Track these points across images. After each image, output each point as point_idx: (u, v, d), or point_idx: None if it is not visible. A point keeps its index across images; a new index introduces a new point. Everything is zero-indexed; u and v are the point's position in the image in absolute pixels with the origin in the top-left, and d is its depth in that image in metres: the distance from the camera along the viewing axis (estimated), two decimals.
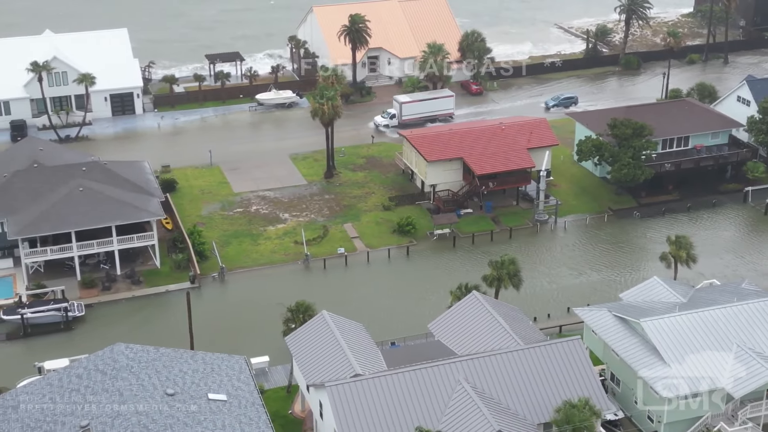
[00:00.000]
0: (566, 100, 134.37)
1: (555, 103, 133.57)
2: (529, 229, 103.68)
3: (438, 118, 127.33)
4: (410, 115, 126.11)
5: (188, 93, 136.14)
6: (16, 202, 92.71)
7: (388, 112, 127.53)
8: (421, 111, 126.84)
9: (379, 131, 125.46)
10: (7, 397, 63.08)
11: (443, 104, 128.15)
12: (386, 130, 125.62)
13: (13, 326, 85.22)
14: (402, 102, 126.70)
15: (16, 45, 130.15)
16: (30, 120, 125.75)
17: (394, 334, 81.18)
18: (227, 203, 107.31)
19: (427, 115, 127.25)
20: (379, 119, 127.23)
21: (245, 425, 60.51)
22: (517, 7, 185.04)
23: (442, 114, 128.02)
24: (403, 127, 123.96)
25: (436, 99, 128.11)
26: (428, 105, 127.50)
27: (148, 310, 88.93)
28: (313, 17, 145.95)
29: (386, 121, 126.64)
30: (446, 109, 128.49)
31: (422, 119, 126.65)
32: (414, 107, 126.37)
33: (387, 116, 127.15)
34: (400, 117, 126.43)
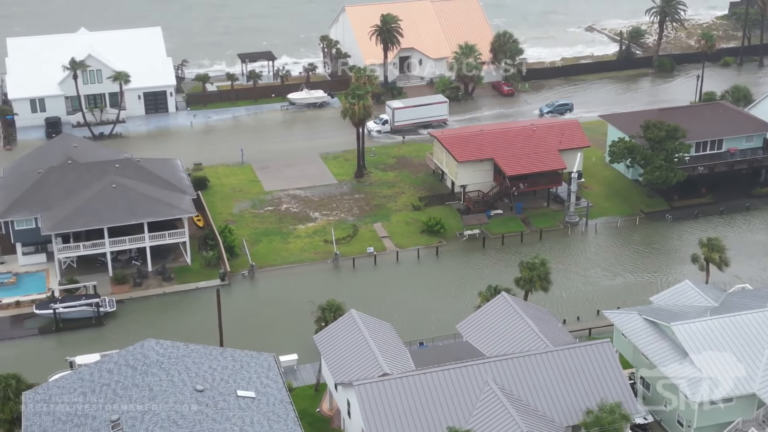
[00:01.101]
0: (561, 107, 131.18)
1: (549, 109, 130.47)
2: (560, 231, 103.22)
3: (431, 125, 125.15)
4: (403, 121, 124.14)
5: (221, 92, 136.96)
6: (50, 197, 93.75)
7: (381, 118, 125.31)
8: (414, 117, 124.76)
9: (372, 137, 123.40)
10: (39, 391, 63.84)
11: (437, 110, 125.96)
12: (379, 136, 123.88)
13: (45, 321, 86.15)
14: (395, 108, 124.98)
15: (51, 43, 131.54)
16: (65, 117, 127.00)
17: (423, 334, 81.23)
18: (258, 201, 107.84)
19: (420, 121, 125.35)
20: (372, 125, 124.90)
21: (273, 422, 60.78)
22: (550, 9, 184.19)
23: (436, 120, 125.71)
24: (395, 133, 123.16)
25: (429, 105, 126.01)
26: (421, 111, 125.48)
27: (178, 307, 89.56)
28: (345, 17, 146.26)
29: (379, 127, 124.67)
30: (440, 116, 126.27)
31: (415, 125, 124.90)
32: (407, 113, 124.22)
33: (380, 122, 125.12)
34: (392, 123, 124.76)
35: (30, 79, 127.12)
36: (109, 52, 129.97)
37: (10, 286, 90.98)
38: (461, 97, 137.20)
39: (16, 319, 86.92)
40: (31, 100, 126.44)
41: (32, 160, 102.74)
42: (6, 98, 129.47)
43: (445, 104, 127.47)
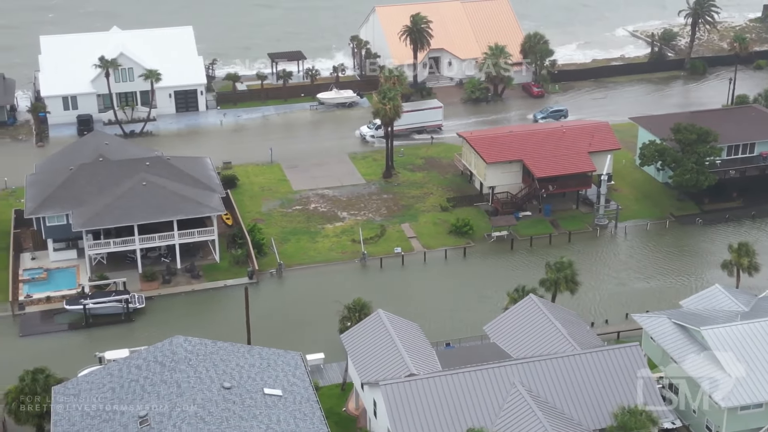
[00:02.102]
0: (555, 113, 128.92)
1: (544, 115, 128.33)
2: (589, 234, 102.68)
3: (426, 130, 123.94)
4: (396, 126, 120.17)
5: (250, 91, 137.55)
6: (81, 194, 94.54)
7: (374, 123, 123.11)
8: (408, 122, 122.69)
9: (365, 141, 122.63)
10: (69, 386, 64.46)
11: (431, 115, 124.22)
12: (371, 140, 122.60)
13: (75, 316, 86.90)
14: None
15: (84, 41, 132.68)
16: (96, 115, 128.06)
17: (450, 335, 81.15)
18: (286, 201, 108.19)
19: (413, 126, 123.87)
20: (365, 129, 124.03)
21: (300, 420, 60.96)
22: (582, 10, 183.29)
23: (430, 125, 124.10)
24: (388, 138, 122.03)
25: (423, 110, 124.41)
26: (415, 116, 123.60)
27: (206, 304, 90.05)
28: (375, 17, 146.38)
29: (371, 132, 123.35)
30: (434, 121, 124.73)
31: (408, 130, 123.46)
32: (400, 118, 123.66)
33: (373, 127, 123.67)
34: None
35: (62, 76, 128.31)
36: (140, 50, 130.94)
37: (41, 282, 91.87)
38: (490, 98, 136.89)
39: (47, 314, 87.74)
40: (64, 98, 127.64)
41: (64, 157, 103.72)
42: (39, 96, 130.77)
43: (439, 109, 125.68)
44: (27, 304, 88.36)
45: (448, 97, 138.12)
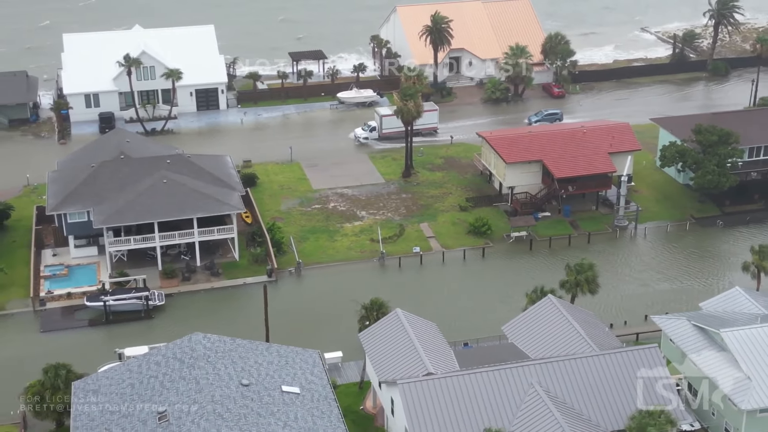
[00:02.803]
0: (549, 116, 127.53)
1: (538, 119, 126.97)
2: (608, 235, 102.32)
3: (421, 133, 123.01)
4: (391, 129, 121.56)
5: (271, 90, 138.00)
6: (102, 191, 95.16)
7: (369, 125, 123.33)
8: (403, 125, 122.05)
9: (360, 143, 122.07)
10: (88, 382, 64.98)
11: (427, 118, 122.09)
12: (366, 143, 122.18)
13: (95, 313, 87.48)
14: (382, 115, 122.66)
15: (106, 39, 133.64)
16: (118, 113, 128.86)
17: (467, 335, 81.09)
18: (306, 199, 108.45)
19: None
20: (360, 131, 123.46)
21: (317, 418, 61.15)
22: (604, 11, 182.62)
23: (426, 128, 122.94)
24: (383, 140, 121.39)
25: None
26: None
27: (225, 302, 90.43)
28: (396, 17, 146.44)
29: (366, 134, 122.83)
30: (429, 124, 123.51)
31: (403, 133, 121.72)
32: (395, 120, 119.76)
33: (367, 129, 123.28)
34: (380, 130, 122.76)
35: (85, 74, 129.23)
36: (162, 49, 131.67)
37: (62, 278, 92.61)
38: (511, 98, 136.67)
39: (67, 310, 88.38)
40: (86, 96, 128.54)
41: (86, 154, 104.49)
42: (61, 93, 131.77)
43: (435, 112, 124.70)
44: (48, 300, 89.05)
45: (469, 97, 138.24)
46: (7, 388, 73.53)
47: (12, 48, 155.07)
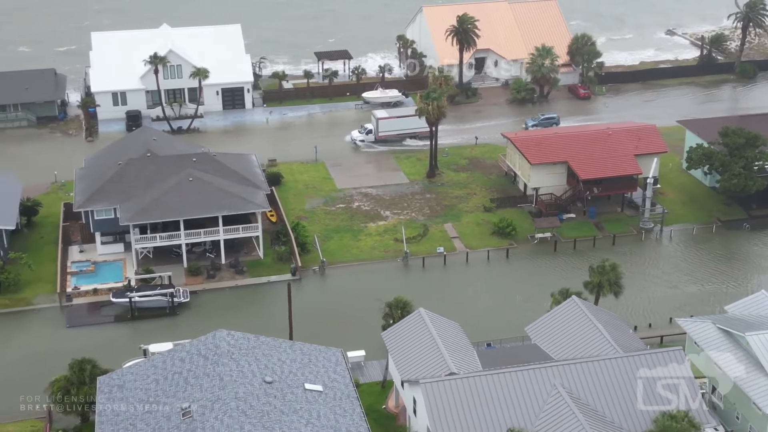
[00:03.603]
0: (546, 120, 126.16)
1: (535, 123, 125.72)
2: (634, 237, 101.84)
3: (417, 135, 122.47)
4: (387, 131, 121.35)
5: (296, 89, 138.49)
6: (129, 189, 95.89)
7: (365, 127, 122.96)
8: (399, 127, 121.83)
9: (356, 146, 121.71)
10: (114, 377, 65.46)
11: (423, 122, 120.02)
12: (362, 145, 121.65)
13: (121, 309, 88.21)
14: (379, 117, 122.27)
15: (134, 38, 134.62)
16: (145, 111, 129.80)
17: (491, 335, 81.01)
18: (330, 199, 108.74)
19: (405, 132, 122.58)
20: (356, 134, 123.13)
21: (340, 416, 61.29)
22: (630, 12, 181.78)
23: (422, 132, 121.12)
24: (380, 142, 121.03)
25: (415, 116, 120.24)
26: (407, 122, 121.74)
27: (250, 300, 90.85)
28: (422, 17, 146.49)
29: (362, 137, 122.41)
30: (426, 127, 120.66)
31: (400, 136, 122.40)
32: (391, 123, 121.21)
33: (364, 131, 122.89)
34: (376, 132, 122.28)
35: (112, 72, 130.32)
36: (189, 48, 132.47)
37: (88, 274, 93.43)
38: (536, 99, 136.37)
39: (93, 306, 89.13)
40: (113, 94, 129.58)
41: (113, 151, 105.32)
42: (89, 91, 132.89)
43: None
44: (74, 296, 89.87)
45: (494, 98, 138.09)
46: (33, 383, 74.12)
47: (41, 47, 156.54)
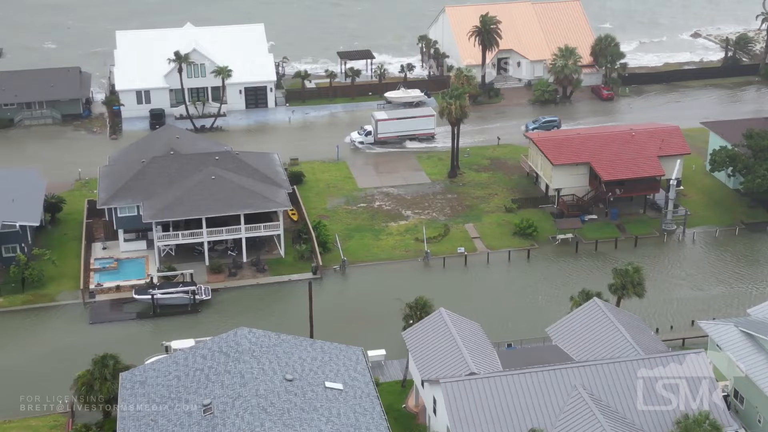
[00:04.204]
0: (547, 123, 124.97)
1: (535, 126, 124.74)
2: (656, 239, 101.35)
3: (417, 138, 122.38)
4: (386, 133, 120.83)
5: (319, 89, 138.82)
6: (152, 186, 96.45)
7: (365, 129, 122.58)
8: (399, 129, 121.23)
9: (355, 147, 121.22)
10: (136, 373, 65.91)
11: (422, 124, 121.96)
12: (361, 147, 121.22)
13: (143, 306, 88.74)
14: (378, 119, 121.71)
15: (158, 36, 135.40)
16: (168, 109, 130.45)
17: (511, 336, 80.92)
18: (351, 198, 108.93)
19: (404, 134, 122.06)
20: (355, 135, 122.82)
21: (360, 415, 61.43)
22: (655, 13, 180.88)
23: (422, 133, 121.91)
24: (379, 144, 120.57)
25: (414, 118, 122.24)
26: (406, 123, 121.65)
27: (271, 298, 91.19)
28: (444, 17, 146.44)
29: (361, 138, 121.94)
30: (425, 129, 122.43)
31: (399, 138, 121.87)
32: (390, 125, 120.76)
33: (363, 133, 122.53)
34: (375, 134, 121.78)
35: (137, 71, 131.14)
36: (213, 46, 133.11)
37: (111, 271, 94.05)
38: (559, 100, 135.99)
39: (116, 303, 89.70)
40: (137, 92, 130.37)
41: (136, 149, 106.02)
42: (114, 89, 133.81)
43: (431, 118, 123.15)
44: (97, 293, 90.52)
45: (516, 98, 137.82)
46: (56, 378, 74.98)
47: (66, 45, 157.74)
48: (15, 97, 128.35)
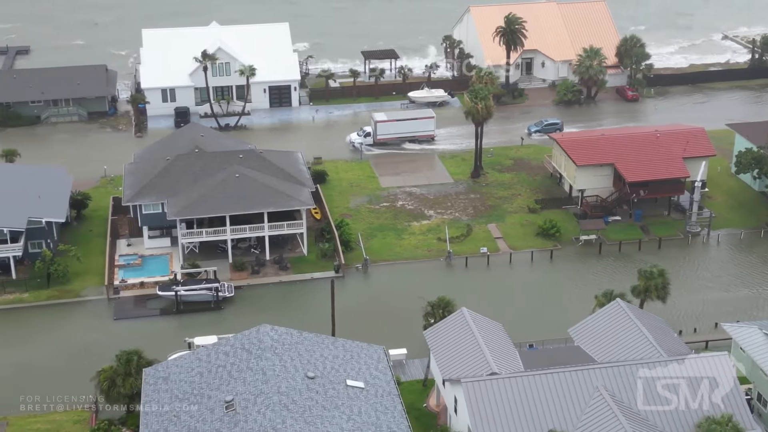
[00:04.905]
0: (550, 126, 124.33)
1: (538, 128, 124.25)
2: (680, 241, 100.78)
3: (417, 140, 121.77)
4: (386, 135, 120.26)
5: (343, 88, 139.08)
6: (176, 184, 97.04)
7: (364, 130, 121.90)
8: (398, 131, 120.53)
9: (354, 148, 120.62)
10: (159, 368, 66.39)
11: (422, 126, 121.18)
12: (360, 148, 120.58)
13: (167, 302, 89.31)
14: (377, 121, 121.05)
15: (184, 35, 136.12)
16: (193, 108, 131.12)
17: (533, 337, 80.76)
18: (374, 197, 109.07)
19: (404, 136, 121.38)
20: (354, 136, 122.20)
21: (381, 413, 61.56)
22: (681, 14, 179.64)
23: (422, 135, 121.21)
24: (379, 146, 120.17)
25: (414, 120, 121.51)
26: (406, 125, 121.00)
27: (293, 296, 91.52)
28: (469, 17, 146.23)
29: (360, 140, 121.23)
30: (425, 131, 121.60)
31: (399, 139, 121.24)
32: (390, 127, 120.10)
33: (362, 134, 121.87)
34: (375, 136, 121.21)
35: (162, 69, 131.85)
36: (238, 45, 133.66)
37: (135, 268, 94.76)
38: (583, 101, 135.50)
39: (140, 299, 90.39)
40: (162, 90, 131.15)
41: (161, 147, 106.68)
42: (139, 87, 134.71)
43: (431, 120, 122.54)
44: (122, 289, 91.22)
45: (540, 99, 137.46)
46: (80, 373, 75.60)
47: (93, 42, 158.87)
48: (42, 95, 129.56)
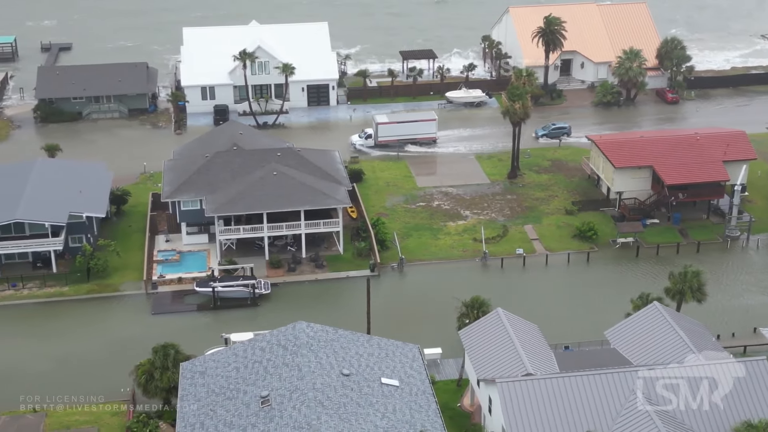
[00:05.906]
0: (557, 130, 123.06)
1: (545, 132, 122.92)
2: (719, 245, 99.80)
3: (419, 142, 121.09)
4: (387, 137, 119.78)
5: (380, 87, 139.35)
6: (215, 181, 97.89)
7: (365, 132, 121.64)
8: (399, 133, 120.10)
9: (357, 150, 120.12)
10: (196, 363, 67.13)
11: (424, 128, 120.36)
12: (362, 149, 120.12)
13: (204, 298, 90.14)
14: (378, 123, 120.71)
15: (224, 34, 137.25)
16: (232, 105, 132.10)
17: (569, 338, 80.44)
18: (410, 197, 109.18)
19: (405, 138, 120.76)
20: (356, 138, 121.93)
21: (415, 412, 61.73)
22: (723, 17, 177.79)
23: (423, 138, 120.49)
24: (380, 147, 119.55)
25: (416, 122, 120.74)
26: (407, 128, 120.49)
27: (329, 293, 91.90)
28: (508, 18, 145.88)
29: (362, 141, 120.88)
30: (427, 133, 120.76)
31: (400, 141, 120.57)
32: (391, 129, 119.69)
33: (363, 136, 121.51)
34: (376, 138, 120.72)
35: (202, 67, 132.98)
36: (277, 44, 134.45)
37: (173, 263, 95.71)
38: (622, 103, 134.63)
39: (177, 294, 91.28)
40: (202, 88, 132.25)
41: (200, 144, 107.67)
42: (179, 85, 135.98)
43: (433, 122, 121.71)
44: (160, 284, 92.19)
45: (579, 100, 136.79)
46: (118, 366, 76.50)
47: (136, 40, 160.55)
48: (84, 91, 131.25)
